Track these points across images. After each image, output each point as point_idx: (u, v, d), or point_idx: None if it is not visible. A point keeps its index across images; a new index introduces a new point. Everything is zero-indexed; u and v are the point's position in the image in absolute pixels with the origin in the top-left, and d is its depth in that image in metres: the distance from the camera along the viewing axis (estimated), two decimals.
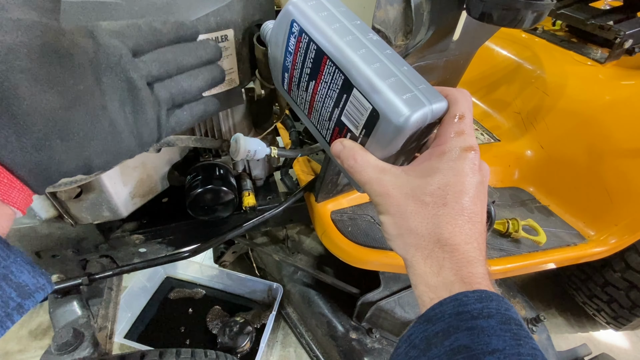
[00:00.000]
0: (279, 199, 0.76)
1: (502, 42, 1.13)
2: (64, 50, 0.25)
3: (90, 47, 0.27)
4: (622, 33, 0.88)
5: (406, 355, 0.28)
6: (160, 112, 0.32)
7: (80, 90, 0.26)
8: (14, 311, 0.24)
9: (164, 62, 0.31)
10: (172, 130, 0.34)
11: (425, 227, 0.29)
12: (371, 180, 0.32)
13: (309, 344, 1.04)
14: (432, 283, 0.29)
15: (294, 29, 0.35)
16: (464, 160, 0.29)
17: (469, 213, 0.29)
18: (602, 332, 1.22)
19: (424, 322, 0.28)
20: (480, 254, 0.29)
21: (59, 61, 0.24)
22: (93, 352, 0.44)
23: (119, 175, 0.55)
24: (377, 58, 0.31)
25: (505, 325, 0.25)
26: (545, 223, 0.86)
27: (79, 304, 0.47)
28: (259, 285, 1.11)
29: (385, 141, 0.31)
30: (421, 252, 0.29)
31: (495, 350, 0.23)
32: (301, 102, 0.39)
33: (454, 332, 0.25)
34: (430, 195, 0.29)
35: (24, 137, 0.23)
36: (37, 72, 0.23)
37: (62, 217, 0.55)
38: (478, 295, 0.26)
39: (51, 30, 0.24)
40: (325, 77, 0.34)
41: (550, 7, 0.37)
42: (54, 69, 0.24)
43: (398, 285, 0.93)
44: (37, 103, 0.23)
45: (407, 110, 0.28)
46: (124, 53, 0.28)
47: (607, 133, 0.84)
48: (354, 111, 0.32)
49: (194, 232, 0.71)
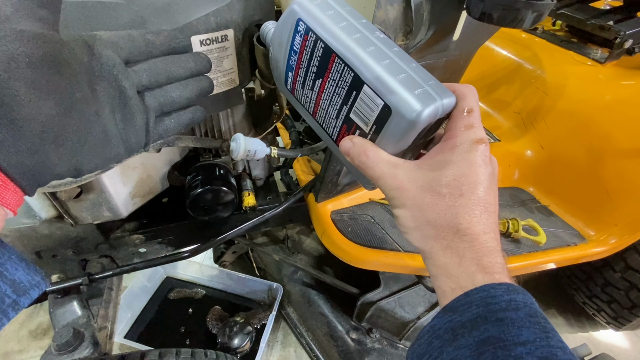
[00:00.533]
0: (279, 199, 0.76)
1: (502, 42, 1.13)
2: (63, 60, 0.26)
3: (86, 57, 0.29)
4: (622, 33, 0.88)
5: (429, 345, 0.28)
6: (149, 120, 0.34)
7: (77, 98, 0.27)
8: (9, 308, 0.25)
9: (155, 73, 0.33)
10: (159, 137, 0.36)
11: (443, 218, 0.29)
12: (384, 175, 0.32)
13: (309, 344, 1.03)
14: (453, 273, 0.29)
15: (299, 28, 0.35)
16: (476, 152, 0.30)
17: (485, 203, 0.29)
18: (602, 332, 1.22)
19: (448, 312, 0.28)
20: (497, 244, 0.29)
21: (57, 70, 0.26)
22: (93, 352, 0.44)
23: (119, 175, 0.55)
24: (387, 55, 0.32)
25: (533, 318, 0.25)
26: (545, 223, 0.86)
27: (79, 304, 0.47)
28: (259, 285, 1.11)
29: (397, 136, 0.31)
30: (440, 244, 0.30)
31: (527, 341, 0.24)
32: (306, 101, 0.39)
33: (483, 323, 0.25)
34: (447, 187, 0.29)
35: (20, 141, 0.24)
36: (36, 81, 0.24)
37: (62, 217, 0.55)
38: (505, 287, 0.26)
39: (51, 42, 0.25)
40: (333, 75, 0.34)
41: (550, 7, 0.37)
42: (52, 78, 0.25)
43: (398, 285, 0.93)
44: (35, 109, 0.24)
45: (419, 105, 0.29)
46: (117, 63, 0.30)
47: (607, 133, 0.84)
48: (364, 108, 0.32)
49: (194, 232, 0.71)
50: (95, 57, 0.29)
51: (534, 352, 0.23)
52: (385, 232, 0.72)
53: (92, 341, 0.45)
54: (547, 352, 0.23)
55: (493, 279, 0.27)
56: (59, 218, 0.56)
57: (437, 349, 0.27)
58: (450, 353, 0.26)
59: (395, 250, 0.70)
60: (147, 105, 0.33)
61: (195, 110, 0.39)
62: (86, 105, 0.28)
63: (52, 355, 0.43)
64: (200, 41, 0.43)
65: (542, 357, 0.23)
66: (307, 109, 0.40)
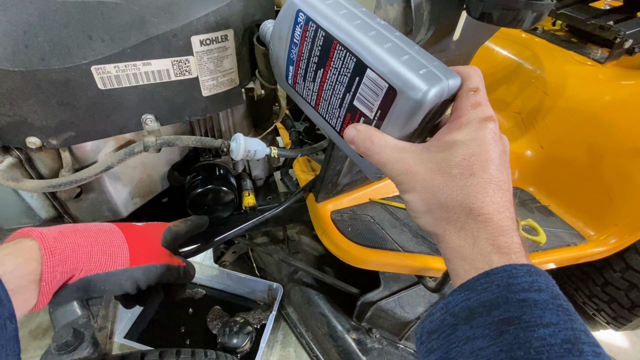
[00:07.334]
0: (279, 199, 0.76)
1: (502, 42, 1.13)
2: None
3: None
4: (622, 33, 0.87)
5: (442, 322, 0.27)
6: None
7: None
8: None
9: None
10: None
11: (455, 199, 0.28)
12: (391, 160, 0.31)
13: (309, 344, 1.03)
14: (468, 255, 0.28)
15: (299, 19, 0.35)
16: (485, 130, 0.29)
17: (497, 181, 0.28)
18: (602, 332, 1.22)
19: (465, 290, 0.27)
20: (513, 223, 0.28)
21: None
22: (93, 352, 0.44)
23: (119, 175, 0.55)
24: (388, 39, 0.31)
25: (556, 300, 0.25)
26: (545, 223, 0.86)
27: (79, 304, 0.47)
28: (259, 285, 1.11)
29: (403, 119, 0.31)
30: (453, 226, 0.29)
31: (550, 323, 0.23)
32: (307, 94, 0.39)
33: (504, 303, 0.24)
34: (457, 167, 0.28)
35: None
36: None
37: (62, 217, 0.55)
38: (527, 269, 0.26)
39: None
40: (335, 63, 0.34)
41: (550, 7, 0.37)
42: None
43: (398, 285, 0.93)
44: None
45: (424, 85, 0.28)
46: None
47: (607, 133, 0.84)
48: (367, 93, 0.32)
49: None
50: None
51: (557, 334, 0.23)
52: (385, 232, 0.72)
53: (92, 341, 0.45)
54: (571, 334, 0.23)
55: (510, 259, 0.26)
56: (59, 218, 0.56)
57: (451, 327, 0.26)
58: (466, 331, 0.25)
59: (395, 250, 0.70)
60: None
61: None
62: None
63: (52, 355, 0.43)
64: (200, 41, 0.43)
65: (566, 340, 0.22)
66: (309, 102, 0.40)
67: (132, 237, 0.45)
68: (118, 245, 0.43)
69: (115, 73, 0.41)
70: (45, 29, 0.36)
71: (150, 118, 0.47)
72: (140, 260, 0.44)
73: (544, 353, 0.22)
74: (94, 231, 0.42)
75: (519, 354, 0.22)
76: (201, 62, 0.45)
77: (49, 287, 0.36)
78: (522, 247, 0.28)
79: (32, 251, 0.36)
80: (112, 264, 0.41)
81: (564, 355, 0.22)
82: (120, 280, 0.42)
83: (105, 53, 0.39)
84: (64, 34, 0.37)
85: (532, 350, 0.22)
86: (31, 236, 0.37)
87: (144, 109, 0.46)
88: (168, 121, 0.49)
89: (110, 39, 0.39)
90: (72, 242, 0.39)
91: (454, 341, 0.26)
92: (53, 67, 0.38)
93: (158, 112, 0.47)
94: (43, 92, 0.39)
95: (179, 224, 0.55)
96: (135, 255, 0.44)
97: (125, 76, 0.42)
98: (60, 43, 0.37)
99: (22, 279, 0.34)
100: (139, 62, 0.41)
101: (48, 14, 0.36)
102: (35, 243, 0.36)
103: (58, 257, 0.37)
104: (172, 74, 0.44)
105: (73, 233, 0.40)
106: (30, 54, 0.36)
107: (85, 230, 0.42)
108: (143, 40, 0.40)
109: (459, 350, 0.25)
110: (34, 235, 0.37)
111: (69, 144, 0.45)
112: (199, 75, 0.46)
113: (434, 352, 0.27)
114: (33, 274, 0.35)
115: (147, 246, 0.46)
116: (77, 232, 0.41)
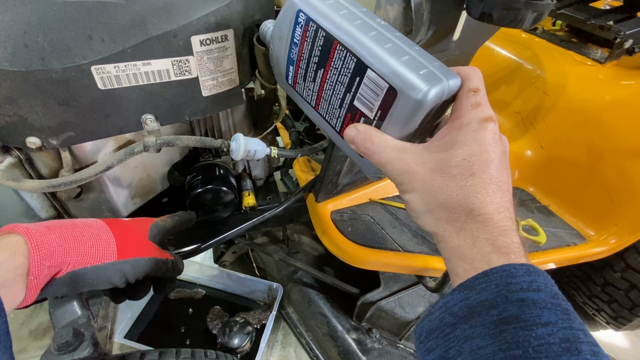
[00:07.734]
0: (279, 199, 0.76)
1: (502, 42, 1.13)
2: None
3: None
4: (622, 33, 0.87)
5: (441, 321, 0.27)
6: None
7: None
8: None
9: None
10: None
11: (455, 200, 0.28)
12: (392, 160, 0.31)
13: (309, 344, 1.03)
14: (467, 255, 0.28)
15: (299, 19, 0.35)
16: (485, 130, 0.29)
17: (497, 182, 0.28)
18: (602, 332, 1.22)
19: (464, 290, 0.27)
20: (512, 223, 0.28)
21: None
22: (93, 352, 0.44)
23: (119, 175, 0.55)
24: (389, 39, 0.32)
25: (555, 300, 0.25)
26: (545, 223, 0.86)
27: (79, 304, 0.47)
28: (259, 285, 1.11)
29: (403, 119, 0.31)
30: (453, 226, 0.29)
31: (549, 322, 0.23)
32: (308, 94, 0.39)
33: (503, 302, 0.25)
34: (457, 167, 0.29)
35: None
36: None
37: (62, 217, 0.55)
38: (526, 268, 0.26)
39: None
40: (335, 63, 0.34)
41: (550, 7, 0.37)
42: None
43: (398, 285, 0.93)
44: None
45: (425, 85, 0.28)
46: None
47: (607, 133, 0.84)
48: (368, 93, 0.32)
49: (194, 232, 0.71)
50: None
51: (555, 333, 0.23)
52: (385, 232, 0.72)
53: (92, 341, 0.45)
54: (570, 334, 0.23)
55: (509, 259, 0.27)
56: (59, 218, 0.56)
57: (450, 326, 0.27)
58: (465, 330, 0.25)
59: (395, 250, 0.70)
60: None
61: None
62: None
63: (52, 355, 0.43)
64: (200, 41, 0.43)
65: (564, 339, 0.23)
66: (309, 102, 0.40)
67: (119, 231, 0.45)
68: (105, 239, 0.43)
69: (115, 73, 0.41)
70: (45, 29, 0.36)
71: (150, 118, 0.47)
72: (128, 253, 0.44)
73: (542, 352, 0.22)
74: (81, 226, 0.42)
75: (518, 353, 0.22)
76: (201, 62, 0.45)
77: (36, 280, 0.36)
78: (522, 247, 0.28)
79: (18, 245, 0.36)
80: (100, 258, 0.41)
81: (562, 354, 0.22)
82: (109, 274, 0.42)
83: (105, 53, 0.39)
84: (64, 34, 0.37)
85: (530, 349, 0.22)
86: (17, 231, 0.37)
87: (144, 109, 0.46)
88: (168, 121, 0.49)
89: (110, 39, 0.39)
90: (58, 237, 0.39)
91: (452, 340, 0.26)
92: (53, 67, 0.38)
93: (158, 112, 0.47)
94: (43, 92, 0.39)
95: (166, 219, 0.54)
96: (123, 248, 0.44)
97: (125, 76, 0.42)
98: (60, 43, 0.37)
99: (9, 273, 0.34)
100: (139, 62, 0.41)
101: (48, 14, 0.36)
102: (21, 238, 0.36)
103: (45, 251, 0.37)
104: (172, 74, 0.44)
105: (59, 228, 0.40)
106: (30, 54, 0.36)
107: (72, 225, 0.42)
108: (143, 40, 0.40)
109: (458, 349, 0.25)
110: (20, 231, 0.36)
111: (69, 144, 0.45)
112: (199, 75, 0.46)
113: (433, 351, 0.27)
114: (20, 268, 0.35)
115: (135, 240, 0.46)
116: (64, 227, 0.41)
